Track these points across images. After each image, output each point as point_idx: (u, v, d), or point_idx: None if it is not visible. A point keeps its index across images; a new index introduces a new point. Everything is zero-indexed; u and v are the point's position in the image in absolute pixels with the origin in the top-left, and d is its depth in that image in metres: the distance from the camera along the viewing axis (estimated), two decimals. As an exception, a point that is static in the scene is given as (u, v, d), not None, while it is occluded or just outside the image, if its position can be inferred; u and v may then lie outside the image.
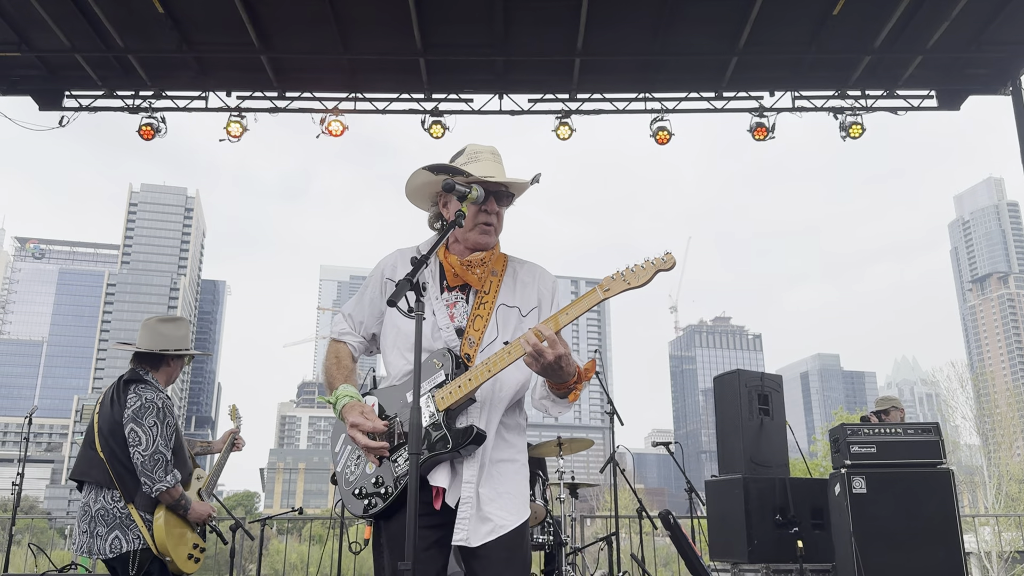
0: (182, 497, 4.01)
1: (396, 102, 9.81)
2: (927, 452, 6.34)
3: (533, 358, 2.38)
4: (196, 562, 4.10)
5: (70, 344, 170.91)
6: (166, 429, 3.98)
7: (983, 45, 9.02)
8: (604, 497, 39.03)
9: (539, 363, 2.39)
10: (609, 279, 2.44)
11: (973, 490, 34.81)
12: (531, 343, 2.37)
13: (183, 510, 4.02)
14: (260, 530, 7.42)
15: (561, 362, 2.40)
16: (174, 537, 3.99)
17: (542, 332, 2.38)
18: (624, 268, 2.44)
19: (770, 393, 7.74)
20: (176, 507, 3.99)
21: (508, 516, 2.51)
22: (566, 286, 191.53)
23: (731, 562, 6.96)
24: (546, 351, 2.37)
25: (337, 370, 2.77)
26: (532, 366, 2.42)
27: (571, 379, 2.49)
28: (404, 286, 2.29)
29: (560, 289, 2.85)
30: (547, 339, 2.38)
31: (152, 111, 9.69)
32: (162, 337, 4.23)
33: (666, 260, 2.40)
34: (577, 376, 2.51)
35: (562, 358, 2.39)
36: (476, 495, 2.48)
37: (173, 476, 3.95)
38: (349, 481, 2.65)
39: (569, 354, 2.43)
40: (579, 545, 6.98)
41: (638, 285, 2.40)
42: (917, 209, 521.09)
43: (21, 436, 8.35)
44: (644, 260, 2.42)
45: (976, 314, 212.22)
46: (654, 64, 9.48)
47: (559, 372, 2.43)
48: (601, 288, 2.44)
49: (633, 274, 2.41)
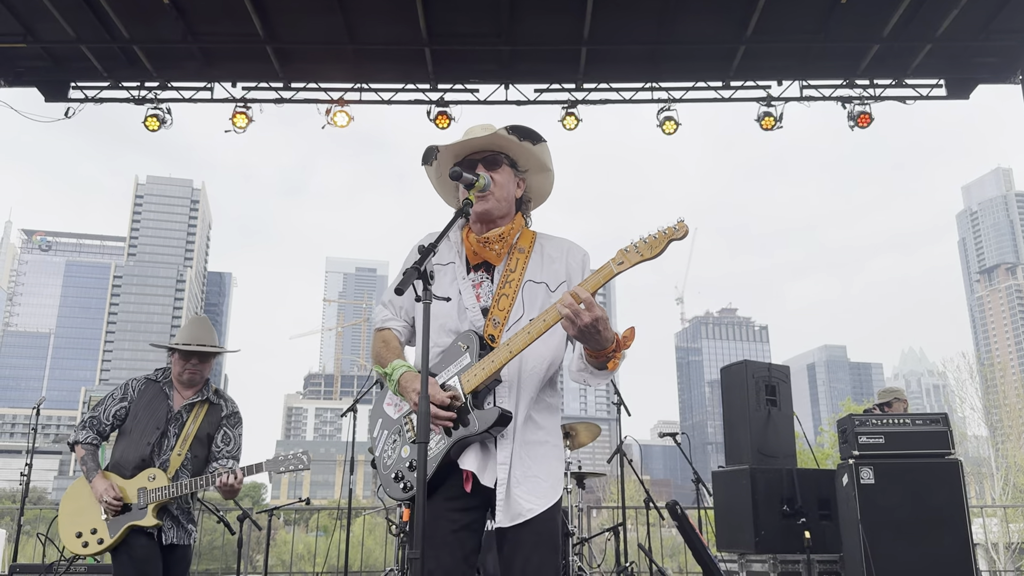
0: (83, 461, 4.13)
1: (401, 92, 9.78)
2: (936, 442, 6.31)
3: (570, 321, 2.32)
4: (84, 546, 4.00)
5: (77, 336, 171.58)
6: (110, 400, 4.30)
7: (992, 33, 8.94)
8: (610, 488, 39.06)
9: (576, 327, 2.33)
10: (622, 252, 2.38)
11: (980, 481, 34.73)
12: (567, 304, 2.32)
13: (88, 477, 4.11)
14: (268, 520, 7.43)
15: (599, 324, 2.33)
16: (69, 508, 4.08)
17: (579, 294, 2.32)
18: (637, 239, 2.37)
19: (777, 384, 7.71)
20: (83, 472, 4.13)
21: (536, 500, 2.48)
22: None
23: (738, 552, 6.95)
24: (583, 313, 2.31)
25: (387, 351, 2.74)
26: (569, 330, 2.36)
27: (609, 346, 2.42)
28: (411, 275, 2.28)
29: (592, 263, 2.73)
30: (584, 301, 2.31)
31: (158, 102, 9.67)
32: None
33: (679, 228, 2.33)
34: (616, 344, 2.43)
35: (599, 321, 2.33)
36: (508, 477, 2.46)
37: (80, 433, 4.20)
38: (387, 465, 2.65)
39: (607, 318, 2.36)
40: (586, 535, 6.98)
41: (652, 256, 2.35)
42: (924, 200, 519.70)
43: (29, 427, 8.37)
44: (657, 230, 2.36)
45: (984, 305, 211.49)
46: (661, 53, 9.42)
47: (597, 337, 2.36)
48: (614, 262, 2.38)
49: (647, 245, 2.35)
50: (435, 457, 2.48)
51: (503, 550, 2.49)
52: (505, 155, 2.74)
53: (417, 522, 2.15)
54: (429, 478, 2.47)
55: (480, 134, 2.69)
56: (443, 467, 2.50)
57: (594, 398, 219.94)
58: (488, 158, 2.70)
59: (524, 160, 2.77)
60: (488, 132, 2.69)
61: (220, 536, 17.11)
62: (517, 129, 2.68)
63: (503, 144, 2.71)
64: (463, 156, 2.74)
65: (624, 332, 2.46)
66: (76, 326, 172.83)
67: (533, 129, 2.71)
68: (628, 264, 2.37)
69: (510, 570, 2.47)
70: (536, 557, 2.47)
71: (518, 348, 2.43)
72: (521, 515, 2.45)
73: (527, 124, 2.72)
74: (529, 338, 2.42)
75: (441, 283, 2.66)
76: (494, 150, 2.71)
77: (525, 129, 2.69)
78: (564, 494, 6.58)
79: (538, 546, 2.48)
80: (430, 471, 2.47)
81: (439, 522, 2.47)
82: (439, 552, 2.43)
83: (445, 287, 2.67)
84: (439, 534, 2.45)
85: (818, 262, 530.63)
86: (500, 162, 2.72)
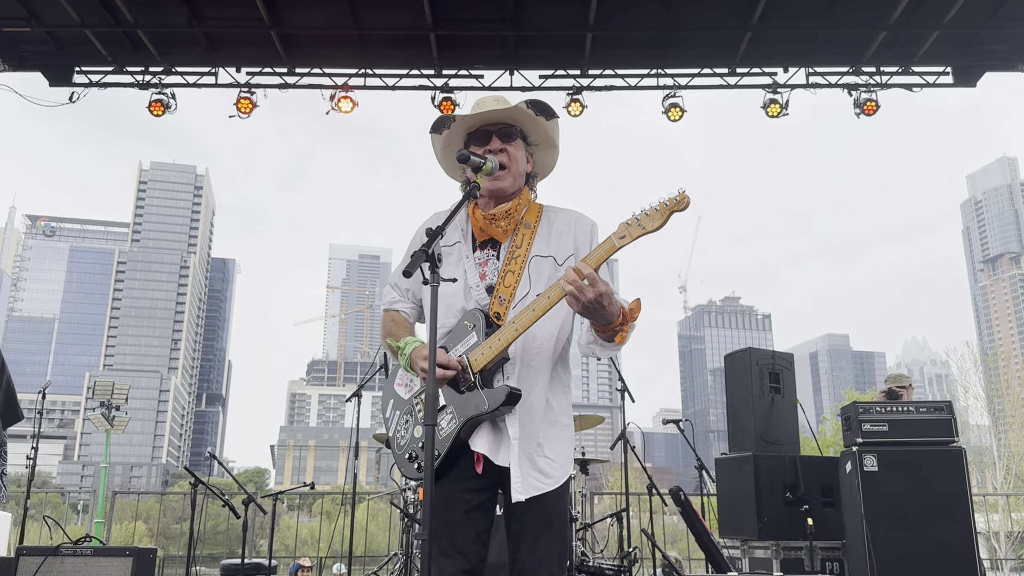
0: None
1: (406, 78, 9.75)
2: (939, 430, 6.31)
3: (574, 297, 2.31)
4: None
5: (81, 321, 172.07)
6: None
7: (1001, 20, 8.89)
8: (612, 475, 39.17)
9: (580, 303, 2.32)
10: (624, 225, 2.36)
11: (982, 470, 34.76)
12: (570, 280, 2.30)
13: None
14: (272, 505, 7.47)
15: (603, 300, 2.31)
16: None
17: (581, 270, 2.30)
18: (639, 212, 2.34)
19: (781, 371, 7.71)
20: None
21: (543, 479, 2.48)
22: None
23: (741, 539, 6.97)
24: (586, 289, 2.29)
25: (397, 328, 2.75)
26: (573, 306, 2.35)
27: (616, 320, 2.39)
28: (419, 257, 2.25)
29: (600, 234, 2.68)
30: (587, 277, 2.30)
31: (162, 87, 9.66)
32: None
33: (680, 199, 2.30)
34: (623, 316, 2.41)
35: (603, 296, 2.30)
36: (518, 453, 2.46)
37: None
38: (400, 445, 2.65)
39: (611, 293, 2.34)
40: (589, 521, 7.00)
41: (653, 229, 2.33)
42: (928, 189, 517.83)
43: (34, 412, 8.40)
44: (658, 202, 2.34)
45: (987, 294, 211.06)
46: (667, 39, 9.38)
47: (602, 312, 2.34)
48: (616, 236, 2.36)
49: (648, 217, 2.33)
50: (446, 438, 2.48)
51: (511, 529, 2.49)
52: (519, 128, 2.73)
53: (425, 503, 2.15)
54: (441, 459, 2.47)
55: (493, 105, 2.68)
56: (455, 448, 2.49)
57: (596, 385, 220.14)
58: (503, 130, 2.69)
59: (535, 135, 2.77)
60: (502, 103, 2.69)
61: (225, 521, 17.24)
62: (535, 103, 2.68)
63: (519, 117, 2.71)
64: (476, 127, 2.72)
65: (631, 304, 2.44)
66: (80, 311, 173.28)
67: (548, 104, 2.71)
68: (631, 238, 2.35)
69: (517, 550, 2.48)
70: (544, 538, 2.47)
71: (524, 326, 2.42)
72: (526, 492, 2.44)
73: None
74: (534, 315, 2.41)
75: (447, 264, 2.65)
76: (510, 123, 2.70)
77: (542, 103, 2.70)
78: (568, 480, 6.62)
79: (545, 528, 2.48)
80: (442, 452, 2.48)
81: (452, 503, 2.47)
82: (452, 531, 2.44)
83: (451, 267, 2.65)
84: (452, 515, 2.46)
85: (822, 250, 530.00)
86: (514, 135, 2.71)
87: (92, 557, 5.58)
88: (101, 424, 29.78)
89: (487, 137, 2.68)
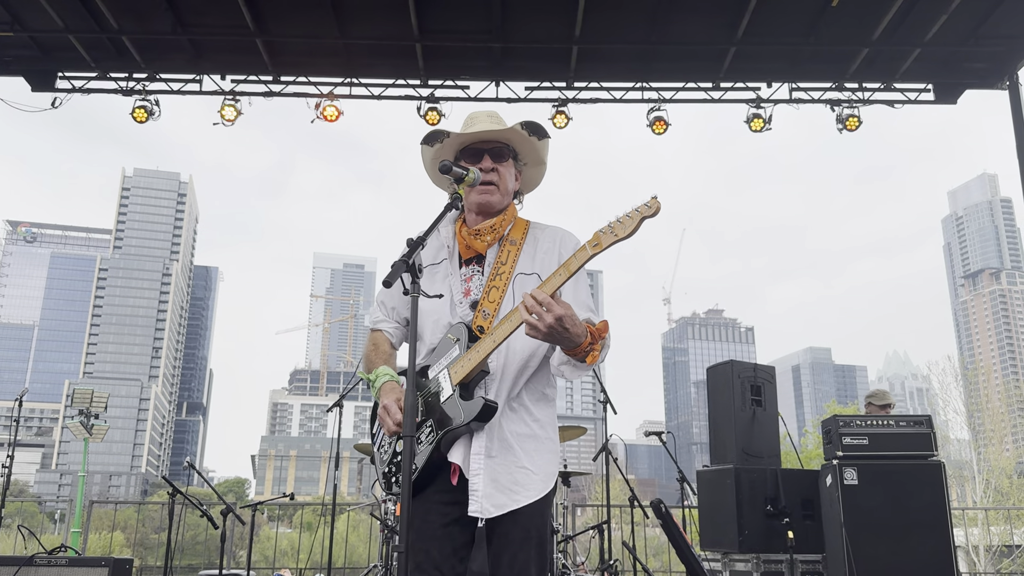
0: None
1: (392, 88, 9.76)
2: (919, 444, 6.36)
3: (532, 326, 2.28)
4: None
5: (61, 328, 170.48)
6: None
7: (981, 39, 9.01)
8: (594, 488, 39.13)
9: (539, 331, 2.29)
10: (598, 234, 2.35)
11: (961, 484, 34.96)
12: (527, 306, 2.28)
13: None
14: (251, 515, 7.39)
15: (564, 323, 2.27)
16: None
17: (536, 296, 2.28)
18: (612, 220, 2.34)
19: (763, 384, 7.73)
20: None
21: (522, 492, 2.46)
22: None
23: (722, 552, 6.97)
24: (544, 315, 2.26)
25: (376, 355, 2.78)
26: (534, 335, 2.31)
27: (584, 340, 2.36)
28: (399, 267, 2.25)
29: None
30: (543, 303, 2.27)
31: (146, 94, 9.61)
32: None
33: (651, 205, 2.29)
34: (591, 336, 2.38)
35: (563, 319, 2.26)
36: (486, 468, 2.44)
37: None
38: (383, 460, 2.66)
39: (572, 315, 2.30)
40: (571, 533, 6.98)
41: (625, 236, 2.31)
42: (910, 204, 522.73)
43: (11, 419, 8.31)
44: (631, 209, 2.34)
45: (968, 310, 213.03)
46: (652, 53, 9.44)
47: (566, 335, 2.30)
48: (591, 244, 2.35)
49: (620, 224, 2.32)
50: (424, 452, 2.48)
51: (491, 544, 2.46)
52: (511, 148, 2.76)
53: (403, 516, 2.14)
54: (419, 473, 2.47)
55: (487, 122, 2.71)
56: (433, 461, 2.48)
57: (580, 397, 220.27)
58: (495, 150, 2.71)
59: (525, 153, 2.79)
60: (496, 121, 2.72)
61: (203, 531, 17.01)
62: (529, 124, 2.72)
63: (512, 137, 2.73)
64: (468, 144, 2.74)
65: (598, 324, 2.43)
66: (61, 318, 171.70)
67: (541, 125, 2.74)
68: (604, 245, 2.34)
69: (498, 566, 2.46)
70: (523, 554, 2.45)
71: (501, 337, 2.42)
72: (504, 507, 2.42)
73: (516, 122, 2.74)
74: (511, 326, 2.40)
75: (434, 281, 2.66)
76: (503, 142, 2.73)
77: (536, 125, 2.73)
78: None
79: (525, 543, 2.46)
80: (419, 466, 2.47)
81: (430, 516, 2.46)
82: (429, 545, 2.42)
83: (438, 284, 2.67)
84: (429, 528, 2.44)
85: (804, 265, 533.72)
86: (506, 155, 2.73)
87: (67, 567, 5.52)
88: (79, 432, 29.46)
89: (479, 155, 2.70)
